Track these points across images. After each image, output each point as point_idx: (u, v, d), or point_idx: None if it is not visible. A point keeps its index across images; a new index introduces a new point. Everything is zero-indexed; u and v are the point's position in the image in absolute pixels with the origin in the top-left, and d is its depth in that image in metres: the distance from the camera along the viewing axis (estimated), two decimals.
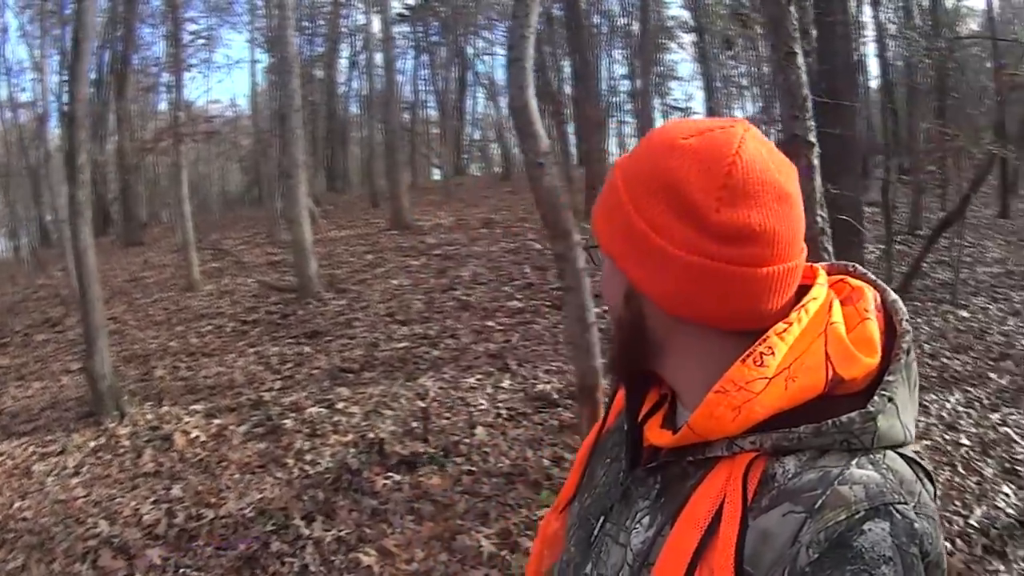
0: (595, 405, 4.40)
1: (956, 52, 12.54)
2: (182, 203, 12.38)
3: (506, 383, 7.14)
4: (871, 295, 0.95)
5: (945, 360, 7.43)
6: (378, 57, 19.34)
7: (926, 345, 7.81)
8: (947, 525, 4.43)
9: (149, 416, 6.24)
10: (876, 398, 0.84)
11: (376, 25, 20.62)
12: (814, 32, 9.13)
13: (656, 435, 0.98)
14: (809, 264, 0.96)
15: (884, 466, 0.82)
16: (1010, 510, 4.67)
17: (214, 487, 5.04)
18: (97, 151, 17.95)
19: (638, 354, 0.97)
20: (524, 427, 6.14)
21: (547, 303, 9.91)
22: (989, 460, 5.35)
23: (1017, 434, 5.76)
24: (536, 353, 7.95)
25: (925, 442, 5.54)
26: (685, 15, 23.49)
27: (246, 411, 6.37)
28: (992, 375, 7.03)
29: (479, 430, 6.01)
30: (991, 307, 9.48)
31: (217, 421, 6.14)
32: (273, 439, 5.86)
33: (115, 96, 19.17)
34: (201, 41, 20.75)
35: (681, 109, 28.89)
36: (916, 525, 0.78)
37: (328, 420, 6.20)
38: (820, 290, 0.92)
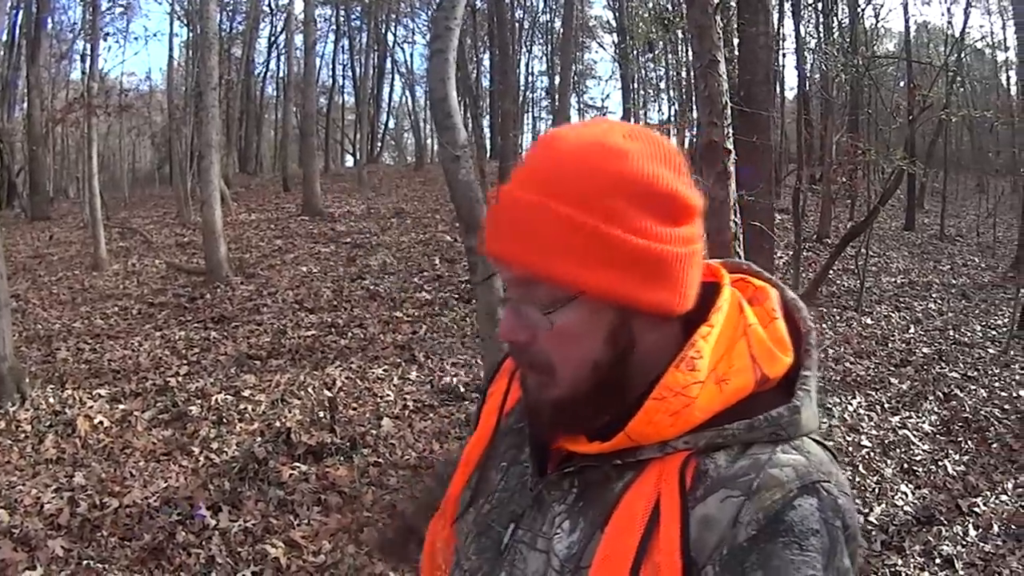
0: None
1: (872, 70, 13.03)
2: (91, 178, 11.92)
3: (413, 375, 7.17)
4: (775, 294, 0.96)
5: (848, 365, 7.73)
6: (298, 39, 18.99)
7: (831, 350, 8.10)
8: None
9: (51, 400, 6.02)
10: (799, 392, 0.88)
11: (299, 6, 20.20)
12: (736, 41, 9.37)
13: (573, 442, 0.93)
14: (706, 262, 0.95)
15: (805, 451, 0.86)
16: (908, 508, 4.91)
17: (118, 475, 4.92)
18: (5, 118, 17.11)
19: (607, 399, 0.90)
20: (430, 420, 6.19)
21: (455, 296, 9.95)
22: (888, 461, 5.60)
23: (915, 436, 6.02)
24: (443, 346, 8.00)
25: (828, 443, 5.78)
26: (607, 15, 23.67)
27: (151, 396, 6.21)
28: (893, 380, 7.33)
29: (385, 422, 6.03)
30: (894, 315, 9.90)
31: (122, 406, 5.97)
32: (179, 426, 5.75)
33: (27, 61, 18.27)
34: (119, 9, 19.93)
35: (598, 108, 29.17)
36: (839, 501, 0.83)
37: (234, 408, 6.12)
38: (726, 290, 0.93)
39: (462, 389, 6.80)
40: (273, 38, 21.31)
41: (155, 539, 4.25)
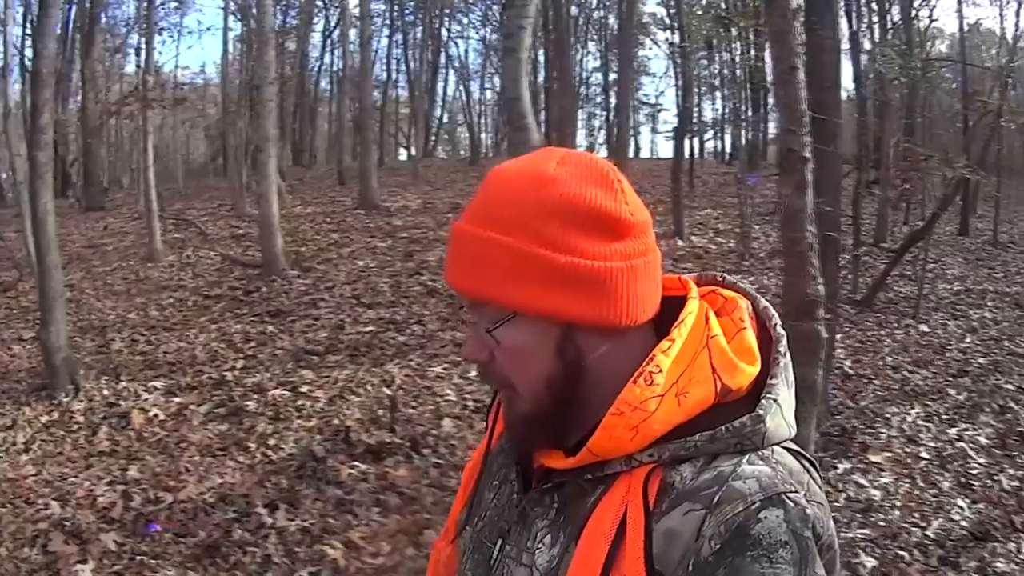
0: None
1: (928, 72, 12.67)
2: (146, 170, 11.98)
3: (472, 374, 6.98)
4: (744, 304, 0.97)
5: (907, 373, 7.46)
6: (352, 33, 18.99)
7: (888, 358, 7.84)
8: (906, 536, 4.48)
9: (106, 392, 5.97)
10: (764, 401, 0.88)
11: (353, 0, 20.22)
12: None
13: (548, 457, 0.97)
14: (678, 276, 1.00)
15: (774, 460, 0.87)
16: (964, 523, 4.73)
17: (173, 469, 4.82)
18: (59, 110, 17.37)
19: (565, 411, 0.94)
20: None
21: None
22: (946, 474, 5.39)
23: (972, 449, 5.80)
24: None
25: (887, 454, 5.54)
26: (661, 11, 23.32)
27: (207, 390, 6.13)
28: (951, 391, 7.08)
29: (446, 422, 5.86)
30: (951, 323, 9.56)
31: (177, 400, 5.90)
32: (235, 421, 5.65)
33: (81, 55, 18.54)
34: (173, 3, 20.14)
35: (651, 105, 28.83)
36: (808, 511, 0.82)
37: (292, 404, 6.01)
38: (693, 303, 0.94)
39: None
40: (328, 32, 21.37)
41: (210, 536, 4.14)
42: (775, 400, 0.89)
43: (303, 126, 25.00)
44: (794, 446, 0.91)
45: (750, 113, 21.88)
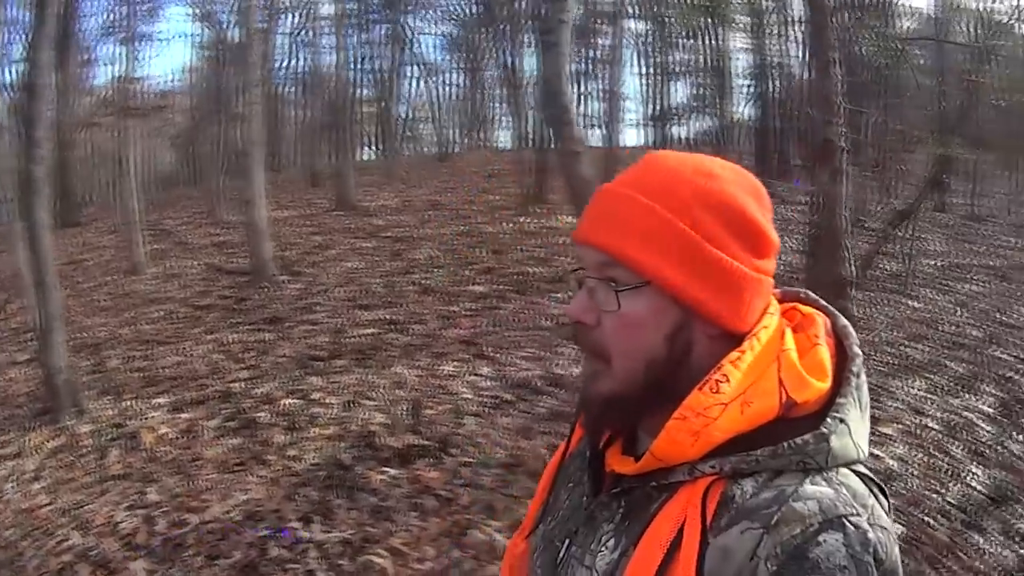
0: None
1: (906, 49, 12.69)
2: (127, 180, 11.69)
3: (484, 370, 6.88)
4: (821, 321, 0.99)
5: (904, 348, 7.52)
6: (318, 34, 18.79)
7: (883, 334, 7.88)
8: (928, 503, 4.54)
9: (110, 412, 5.77)
10: (829, 420, 0.88)
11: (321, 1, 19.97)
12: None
13: (618, 462, 1.00)
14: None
15: (837, 482, 0.86)
16: (981, 488, 4.83)
17: (193, 489, 4.64)
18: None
19: (651, 399, 0.95)
20: (511, 416, 5.89)
21: (511, 288, 9.66)
22: (956, 442, 5.48)
23: (978, 418, 5.91)
24: (508, 339, 7.71)
25: (897, 425, 5.60)
26: None
27: (214, 404, 5.95)
28: (949, 363, 7.16)
29: (468, 420, 5.75)
30: (940, 298, 9.65)
31: (185, 416, 5.71)
32: (248, 434, 5.47)
33: (56, 67, 18.12)
34: (146, 10, 19.79)
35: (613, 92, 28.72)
36: (870, 535, 0.82)
37: (305, 412, 5.85)
38: (771, 319, 0.96)
39: (538, 383, 6.50)
40: (294, 33, 21.04)
41: (246, 556, 3.99)
42: (842, 420, 0.89)
43: (271, 129, 24.67)
44: (862, 468, 0.91)
45: (715, 100, 21.93)
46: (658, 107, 22.49)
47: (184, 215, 16.33)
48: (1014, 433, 5.80)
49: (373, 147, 24.81)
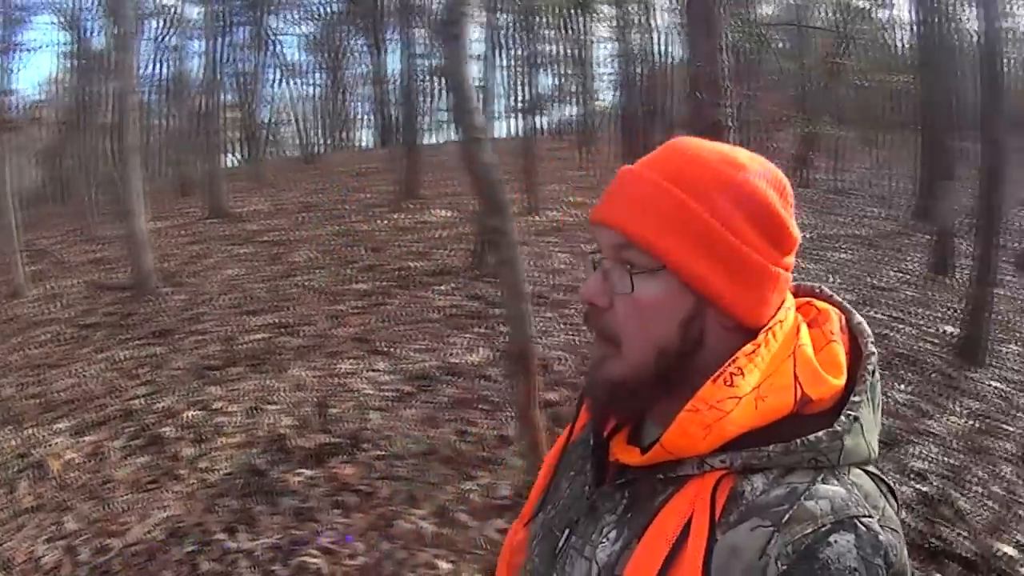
0: (530, 374, 4.22)
1: (768, 33, 13.20)
2: (4, 199, 10.78)
3: (380, 365, 6.78)
4: (836, 317, 0.95)
5: None
6: (182, 38, 17.97)
7: None
8: None
9: (13, 442, 5.34)
10: (843, 418, 0.85)
11: (183, 5, 19.04)
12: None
13: (624, 452, 0.95)
14: None
15: (849, 482, 0.83)
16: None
17: (110, 513, 4.37)
18: None
19: (659, 388, 0.92)
20: (415, 407, 5.83)
21: (394, 283, 9.56)
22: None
23: None
24: (399, 333, 7.63)
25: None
26: None
27: (117, 423, 5.61)
28: None
29: (373, 415, 5.65)
30: (812, 267, 10.05)
31: (89, 439, 5.36)
32: (156, 451, 5.20)
33: None
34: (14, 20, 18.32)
35: (479, 87, 28.69)
36: (881, 537, 0.79)
37: (209, 423, 5.60)
38: (786, 313, 0.92)
39: (436, 373, 6.48)
40: (158, 39, 19.95)
41: (177, 574, 3.79)
42: (856, 418, 0.86)
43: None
44: (873, 468, 0.88)
45: (580, 89, 22.25)
46: (523, 98, 22.61)
47: (57, 233, 15.27)
48: (895, 383, 6.17)
49: (239, 152, 23.99)
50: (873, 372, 0.91)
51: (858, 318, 0.97)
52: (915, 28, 13.21)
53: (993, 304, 7.50)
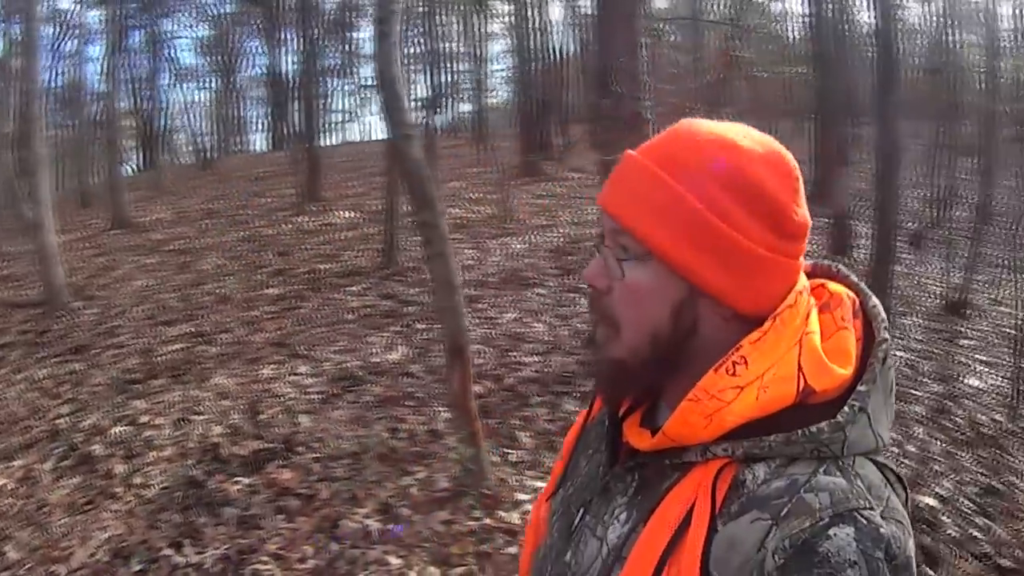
0: (465, 365, 4.24)
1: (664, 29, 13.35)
2: None
3: (303, 369, 6.65)
4: (849, 302, 0.91)
5: None
6: (77, 45, 16.96)
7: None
8: None
9: None
10: (846, 408, 0.81)
11: (75, 11, 17.88)
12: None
13: (634, 435, 0.93)
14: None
15: (852, 473, 0.80)
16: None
17: (50, 538, 4.14)
18: None
19: (658, 373, 0.90)
20: (342, 408, 5.77)
21: (305, 287, 9.38)
22: None
23: None
24: (317, 336, 7.50)
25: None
26: None
27: (44, 445, 5.32)
28: None
29: (303, 418, 5.56)
30: None
31: (17, 463, 5.07)
32: (88, 470, 4.96)
33: None
34: None
35: (368, 87, 28.11)
36: (882, 530, 0.75)
37: (139, 437, 5.38)
38: (797, 297, 0.87)
39: (358, 373, 6.41)
40: (55, 44, 18.63)
41: None
42: (861, 408, 0.81)
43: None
44: (880, 458, 0.84)
45: (475, 86, 22.09)
46: (419, 96, 22.34)
47: None
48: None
49: (136, 160, 22.89)
50: (884, 359, 0.85)
51: (874, 301, 0.91)
52: (808, 21, 13.61)
53: (893, 281, 7.80)
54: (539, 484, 4.28)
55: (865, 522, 0.75)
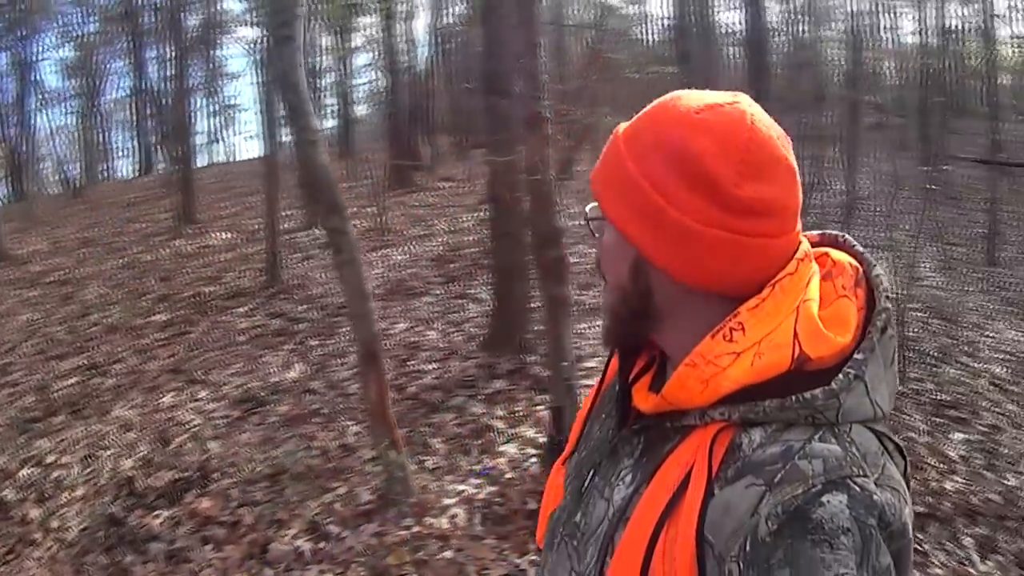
0: (380, 372, 4.12)
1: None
2: None
3: (203, 394, 6.43)
4: (852, 271, 0.86)
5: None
6: None
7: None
8: None
9: None
10: (840, 376, 0.77)
11: None
12: None
13: (641, 398, 0.92)
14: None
15: (847, 440, 0.76)
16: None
17: None
18: None
19: (639, 325, 0.91)
20: (248, 431, 5.63)
21: (192, 311, 9.01)
22: None
23: None
24: (211, 360, 7.24)
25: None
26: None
27: None
28: None
29: (211, 444, 5.40)
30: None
31: None
32: (2, 517, 4.68)
33: None
34: None
35: (233, 106, 27.05)
36: (875, 497, 0.72)
37: (48, 479, 5.09)
38: (797, 264, 0.83)
39: (262, 394, 6.26)
40: None
41: None
42: (857, 376, 0.78)
43: None
44: (879, 426, 0.81)
45: (340, 100, 21.44)
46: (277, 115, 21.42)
47: None
48: None
49: (4, 190, 20.93)
50: (884, 328, 0.81)
51: (878, 270, 0.86)
52: (669, 23, 13.66)
53: None
54: (460, 487, 4.27)
55: (858, 489, 0.72)
